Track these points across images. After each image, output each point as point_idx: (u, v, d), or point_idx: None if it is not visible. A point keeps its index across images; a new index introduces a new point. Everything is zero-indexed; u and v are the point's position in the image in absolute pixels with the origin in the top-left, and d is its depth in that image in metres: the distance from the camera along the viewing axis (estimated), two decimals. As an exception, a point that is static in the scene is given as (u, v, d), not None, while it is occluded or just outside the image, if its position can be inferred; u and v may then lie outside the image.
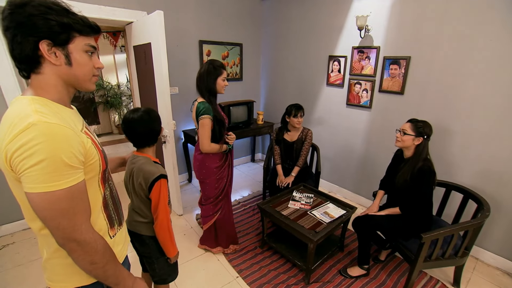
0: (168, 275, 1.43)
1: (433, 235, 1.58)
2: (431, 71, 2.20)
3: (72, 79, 0.73)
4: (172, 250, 1.29)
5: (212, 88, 1.82)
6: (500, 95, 1.90)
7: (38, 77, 0.70)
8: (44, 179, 0.62)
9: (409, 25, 2.26)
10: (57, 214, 0.66)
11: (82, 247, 0.70)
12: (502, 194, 2.00)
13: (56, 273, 0.78)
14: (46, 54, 0.67)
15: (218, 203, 2.05)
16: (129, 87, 5.31)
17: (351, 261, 2.14)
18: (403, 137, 1.75)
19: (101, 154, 0.79)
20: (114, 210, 0.90)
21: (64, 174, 0.65)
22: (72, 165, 0.66)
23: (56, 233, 0.68)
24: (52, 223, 0.66)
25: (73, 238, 0.68)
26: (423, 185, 1.71)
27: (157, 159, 1.29)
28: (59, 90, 0.72)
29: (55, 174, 0.63)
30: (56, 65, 0.69)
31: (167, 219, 1.23)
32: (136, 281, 0.89)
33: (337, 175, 3.22)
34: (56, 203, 0.65)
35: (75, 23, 0.69)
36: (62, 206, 0.66)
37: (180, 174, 3.44)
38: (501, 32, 1.82)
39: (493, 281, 1.99)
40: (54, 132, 0.63)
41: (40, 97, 0.69)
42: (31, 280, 1.91)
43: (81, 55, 0.72)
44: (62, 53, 0.69)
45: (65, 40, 0.68)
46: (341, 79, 2.87)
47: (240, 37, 3.55)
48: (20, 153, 0.60)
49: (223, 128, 1.90)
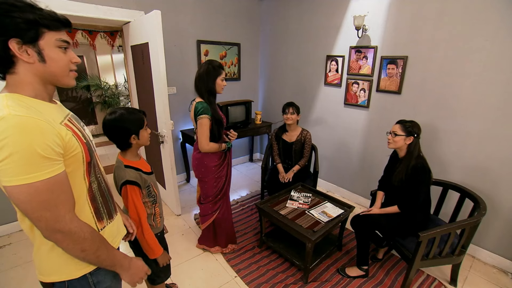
0: (157, 276, 1.42)
1: (430, 233, 1.59)
2: (428, 71, 2.21)
3: (48, 76, 0.72)
4: (151, 252, 1.27)
5: (212, 88, 1.83)
6: (496, 95, 1.91)
7: (13, 77, 0.69)
8: (19, 171, 0.62)
9: (406, 25, 2.27)
10: (38, 206, 0.66)
11: (68, 237, 0.71)
12: (498, 193, 2.02)
13: (44, 266, 0.79)
14: (18, 53, 0.66)
15: (217, 202, 2.06)
16: (127, 87, 5.30)
17: (349, 260, 2.15)
18: (395, 138, 1.79)
19: (85, 147, 0.78)
20: (103, 203, 0.89)
21: (40, 165, 0.64)
22: (48, 156, 0.65)
23: (40, 225, 0.68)
24: (34, 216, 0.66)
25: (57, 229, 0.69)
26: (418, 183, 1.73)
27: (133, 162, 1.23)
28: (35, 87, 0.71)
29: (31, 166, 0.63)
30: (30, 63, 0.68)
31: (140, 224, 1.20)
32: (132, 261, 0.91)
33: (335, 174, 3.23)
34: (35, 195, 0.64)
35: (41, 18, 0.67)
36: (42, 198, 0.66)
37: (178, 174, 3.44)
38: (498, 32, 1.83)
39: (490, 279, 2.00)
40: (25, 125, 0.62)
41: (13, 94, 0.68)
42: (28, 281, 1.91)
43: (54, 50, 0.71)
44: (34, 50, 0.68)
45: (34, 37, 0.67)
46: (339, 79, 2.88)
47: (238, 37, 3.55)
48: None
49: (221, 128, 1.90)
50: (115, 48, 5.31)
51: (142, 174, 1.22)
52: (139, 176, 1.20)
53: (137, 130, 1.19)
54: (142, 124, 1.21)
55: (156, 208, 1.34)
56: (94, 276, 0.84)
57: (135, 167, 1.21)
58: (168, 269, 1.49)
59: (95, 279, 0.84)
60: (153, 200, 1.30)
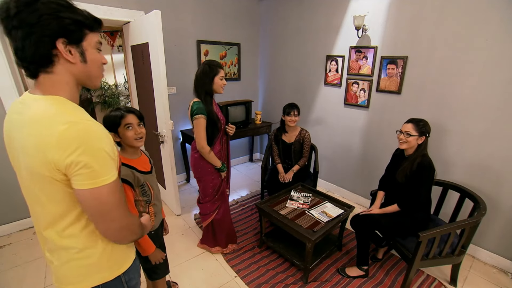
0: (153, 271, 1.45)
1: (430, 233, 1.59)
2: (428, 70, 2.21)
3: (84, 76, 0.73)
4: (141, 250, 1.27)
5: (209, 88, 1.83)
6: (496, 95, 1.91)
7: (49, 76, 0.68)
8: (98, 174, 0.65)
9: (406, 25, 2.27)
10: (113, 205, 0.70)
11: (131, 229, 0.78)
12: (498, 193, 2.02)
13: (76, 274, 0.78)
14: (64, 53, 0.66)
15: (215, 202, 2.06)
16: (127, 87, 5.29)
17: (349, 260, 2.15)
18: (409, 139, 1.76)
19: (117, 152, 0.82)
20: None
21: (111, 167, 0.68)
22: (114, 158, 0.70)
23: (112, 225, 0.72)
24: (109, 216, 0.70)
25: (125, 225, 0.75)
26: (421, 180, 1.73)
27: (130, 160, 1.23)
28: (71, 88, 0.72)
29: (106, 168, 0.67)
30: (72, 63, 0.69)
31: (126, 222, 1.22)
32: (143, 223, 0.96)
33: (335, 174, 3.23)
34: (111, 194, 0.69)
35: (85, 19, 0.69)
36: (115, 197, 0.70)
37: (178, 174, 3.44)
38: (498, 32, 1.83)
39: (490, 279, 2.00)
40: (96, 129, 0.66)
41: (60, 97, 0.69)
42: (28, 281, 1.91)
43: (93, 51, 0.73)
44: (77, 50, 0.69)
45: (79, 37, 0.68)
46: (339, 79, 2.88)
47: (238, 37, 3.55)
48: (72, 151, 0.62)
49: (215, 129, 1.89)
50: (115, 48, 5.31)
51: (135, 173, 1.21)
52: (131, 174, 1.20)
53: (114, 128, 1.20)
54: (118, 123, 1.20)
55: (150, 208, 1.34)
56: (126, 275, 0.86)
57: (130, 165, 1.21)
58: (166, 265, 1.50)
59: (127, 277, 0.87)
60: (147, 199, 1.30)
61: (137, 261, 0.94)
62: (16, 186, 2.24)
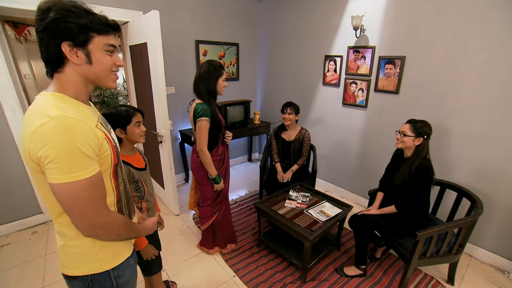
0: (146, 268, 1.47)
1: (427, 232, 1.60)
2: (426, 70, 2.22)
3: (91, 76, 0.77)
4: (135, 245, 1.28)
5: (213, 89, 1.78)
6: (494, 95, 1.92)
7: (61, 76, 0.75)
8: (66, 170, 0.67)
9: (404, 25, 2.28)
10: (82, 202, 0.71)
11: (107, 228, 0.78)
12: (496, 192, 2.03)
13: (70, 260, 0.84)
14: (68, 55, 0.71)
15: (216, 205, 2.05)
16: (126, 87, 5.28)
17: (347, 259, 2.16)
18: (404, 139, 1.75)
19: (114, 149, 0.83)
20: (126, 204, 0.94)
21: (84, 164, 0.69)
22: (90, 156, 0.71)
23: (82, 221, 0.73)
24: (78, 212, 0.72)
25: (98, 223, 0.75)
26: (420, 183, 1.72)
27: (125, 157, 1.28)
28: (78, 87, 0.77)
29: (76, 165, 0.68)
30: (78, 64, 0.74)
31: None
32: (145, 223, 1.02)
33: (334, 174, 3.24)
34: (80, 191, 0.70)
35: (93, 23, 0.72)
36: (86, 194, 0.71)
37: (177, 174, 3.44)
38: (496, 32, 1.84)
39: (487, 277, 2.01)
40: (71, 125, 0.67)
41: (59, 93, 0.74)
42: (27, 281, 1.91)
43: (101, 53, 0.76)
44: (83, 52, 0.73)
45: (84, 41, 0.72)
46: (337, 79, 2.89)
47: (237, 37, 3.55)
48: (42, 146, 0.64)
49: (219, 132, 1.87)
50: (114, 48, 5.30)
51: (130, 169, 1.26)
52: (127, 170, 1.23)
53: (123, 125, 1.24)
54: (129, 120, 1.26)
55: (143, 203, 1.37)
56: (115, 271, 0.88)
57: (125, 162, 1.25)
58: (159, 262, 1.51)
59: (116, 273, 0.89)
60: (140, 195, 1.34)
61: (132, 259, 0.95)
62: (15, 186, 2.25)
